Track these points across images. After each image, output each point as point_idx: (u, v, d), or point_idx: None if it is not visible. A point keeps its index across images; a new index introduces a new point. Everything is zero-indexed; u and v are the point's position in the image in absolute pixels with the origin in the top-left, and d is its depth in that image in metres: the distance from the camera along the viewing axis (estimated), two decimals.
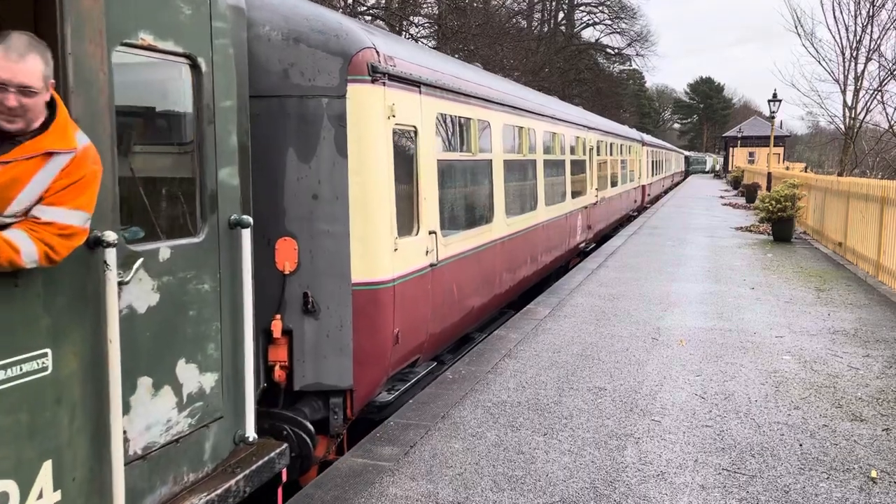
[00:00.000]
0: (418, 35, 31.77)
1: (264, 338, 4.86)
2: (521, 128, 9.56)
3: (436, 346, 6.58)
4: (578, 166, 13.90)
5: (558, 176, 12.07)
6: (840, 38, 27.84)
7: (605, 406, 5.83)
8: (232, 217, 3.68)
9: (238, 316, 3.74)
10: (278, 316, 4.86)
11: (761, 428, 5.40)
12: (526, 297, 10.27)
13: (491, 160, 8.17)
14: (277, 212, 4.88)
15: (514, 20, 43.84)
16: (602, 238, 17.42)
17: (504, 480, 4.52)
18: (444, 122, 6.84)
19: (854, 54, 27.31)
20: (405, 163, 5.76)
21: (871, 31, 26.74)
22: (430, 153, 6.17)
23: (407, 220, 5.77)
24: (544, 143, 10.93)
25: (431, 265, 6.04)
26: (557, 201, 11.77)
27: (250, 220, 3.73)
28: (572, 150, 13.26)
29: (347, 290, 4.97)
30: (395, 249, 5.33)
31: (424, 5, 32.58)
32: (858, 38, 27.12)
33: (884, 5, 26.18)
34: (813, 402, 5.98)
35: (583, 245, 14.35)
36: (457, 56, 24.81)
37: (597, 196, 15.54)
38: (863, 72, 27.35)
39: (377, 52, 5.13)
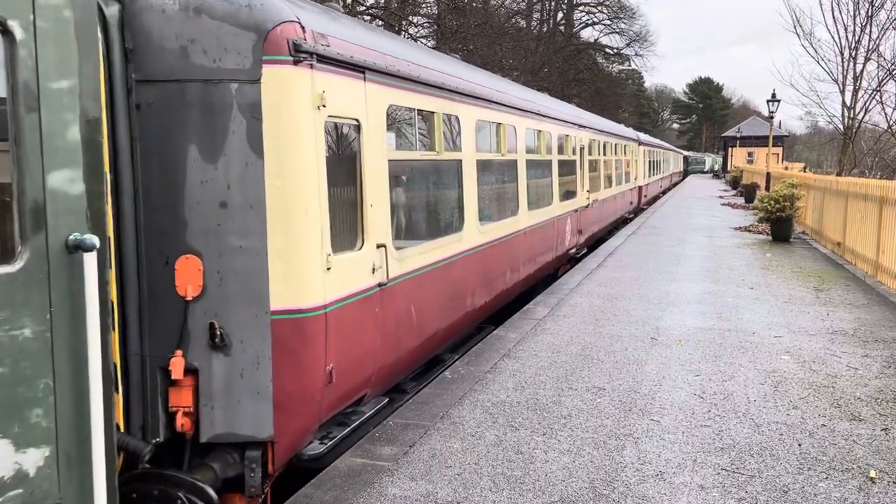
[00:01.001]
0: (417, 35, 31.77)
1: (163, 378, 4.06)
2: (500, 124, 8.64)
3: (388, 378, 5.70)
4: (567, 167, 12.98)
5: (544, 177, 11.18)
6: (839, 37, 27.85)
7: (604, 406, 5.83)
8: (71, 237, 2.75)
9: (81, 369, 2.80)
10: (179, 352, 4.03)
11: (760, 428, 5.40)
12: (510, 308, 9.53)
13: (461, 160, 7.23)
14: (177, 224, 4.05)
15: (513, 20, 43.85)
16: (596, 242, 16.71)
17: (503, 480, 4.52)
18: (399, 116, 5.93)
19: (853, 54, 27.31)
20: (344, 163, 4.93)
21: (870, 31, 26.74)
22: (378, 152, 5.26)
23: (346, 232, 4.87)
24: (527, 141, 10.01)
25: (380, 285, 5.13)
26: (543, 205, 10.88)
27: (95, 241, 2.75)
28: (560, 150, 12.36)
29: (265, 319, 4.10)
30: (329, 268, 4.44)
31: (423, 5, 32.58)
32: (857, 37, 27.13)
33: (882, 5, 26.18)
34: (812, 401, 5.98)
35: (573, 251, 13.61)
36: (456, 56, 24.78)
37: (588, 198, 14.73)
38: (861, 72, 27.36)
39: (302, 27, 4.22)
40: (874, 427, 5.44)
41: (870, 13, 26.48)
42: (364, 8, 27.94)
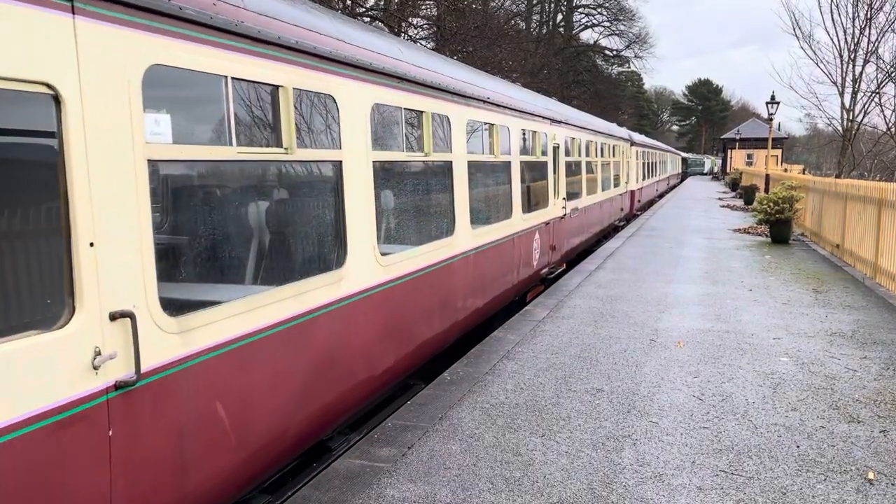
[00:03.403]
0: (417, 36, 31.81)
1: None
2: (420, 112, 6.39)
3: None
4: (535, 171, 10.82)
5: (499, 185, 9.02)
6: (838, 40, 27.97)
7: (602, 407, 5.84)
8: None
9: None
10: None
11: (759, 429, 5.40)
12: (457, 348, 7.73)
13: (340, 163, 4.97)
14: None
15: (512, 22, 43.95)
16: (578, 256, 14.82)
17: (502, 482, 4.52)
18: (187, 83, 3.73)
19: (852, 56, 27.39)
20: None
21: (869, 34, 26.83)
22: (118, 145, 3.13)
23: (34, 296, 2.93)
24: (471, 137, 7.83)
25: (117, 387, 3.08)
26: (498, 219, 8.80)
27: None
28: (526, 150, 10.27)
29: None
30: None
31: (423, 7, 32.62)
32: (856, 40, 27.21)
33: (881, 8, 26.26)
34: (810, 403, 5.99)
35: (545, 271, 11.45)
36: (455, 57, 24.86)
37: (565, 208, 12.66)
38: (861, 74, 27.44)
39: None
40: (872, 429, 5.44)
41: (869, 15, 26.58)
42: (364, 9, 27.97)
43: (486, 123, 8.42)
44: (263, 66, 4.09)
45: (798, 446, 5.11)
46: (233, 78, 3.84)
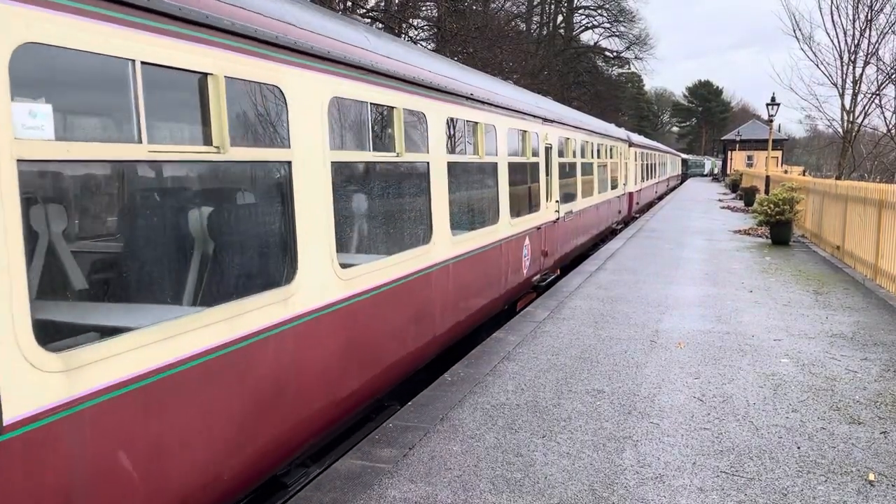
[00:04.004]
0: (417, 37, 31.84)
1: None
2: (391, 108, 5.76)
3: None
4: (526, 172, 10.25)
5: (484, 187, 8.46)
6: (838, 41, 28.02)
7: (603, 408, 5.84)
8: None
9: None
10: None
11: (759, 430, 5.41)
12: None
13: (290, 163, 4.34)
14: None
15: (513, 23, 43.99)
16: (574, 261, 14.31)
17: (502, 482, 4.52)
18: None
19: (852, 58, 27.39)
20: None
21: (870, 35, 26.84)
22: None
23: None
24: (452, 136, 7.33)
25: None
26: (482, 224, 8.25)
27: None
28: (516, 150, 9.72)
29: None
30: None
31: (424, 8, 32.64)
32: (857, 41, 27.22)
33: (882, 9, 26.28)
34: (811, 404, 5.99)
35: (537, 278, 10.86)
36: (456, 59, 24.89)
37: (558, 212, 12.12)
38: (861, 75, 27.45)
39: None
40: (873, 430, 5.45)
41: (869, 17, 26.59)
42: (364, 10, 28.00)
43: (469, 121, 7.82)
44: (186, 50, 3.47)
45: (799, 447, 5.11)
46: (143, 62, 3.22)
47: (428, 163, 6.51)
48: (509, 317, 9.41)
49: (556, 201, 12.04)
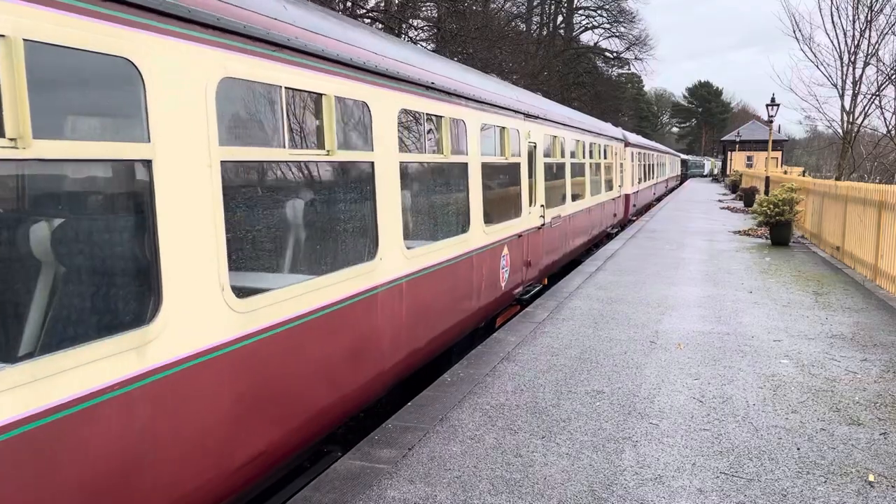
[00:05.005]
0: (417, 38, 31.84)
1: None
2: (319, 96, 4.75)
3: None
4: (505, 174, 9.29)
5: (450, 191, 7.41)
6: (838, 42, 27.96)
7: (603, 409, 5.84)
8: None
9: None
10: None
11: (759, 431, 5.40)
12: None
13: (149, 162, 3.31)
14: None
15: (513, 23, 44.01)
16: (564, 269, 13.48)
17: (502, 483, 4.52)
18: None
19: (852, 59, 27.38)
20: None
21: (870, 36, 26.83)
22: None
23: None
24: (406, 132, 6.34)
25: None
26: (447, 234, 7.18)
27: None
28: (491, 149, 8.70)
29: None
30: None
31: (424, 8, 32.65)
32: (857, 42, 27.21)
33: (882, 10, 26.28)
34: (811, 405, 5.98)
35: (518, 291, 9.84)
36: (456, 59, 24.89)
37: (543, 217, 11.00)
38: (861, 76, 27.43)
39: None
40: (873, 431, 5.44)
41: (869, 18, 26.58)
42: (364, 11, 28.00)
43: (430, 115, 6.70)
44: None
45: (798, 448, 5.11)
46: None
47: (372, 163, 5.48)
48: (487, 334, 8.58)
49: (542, 205, 10.93)
